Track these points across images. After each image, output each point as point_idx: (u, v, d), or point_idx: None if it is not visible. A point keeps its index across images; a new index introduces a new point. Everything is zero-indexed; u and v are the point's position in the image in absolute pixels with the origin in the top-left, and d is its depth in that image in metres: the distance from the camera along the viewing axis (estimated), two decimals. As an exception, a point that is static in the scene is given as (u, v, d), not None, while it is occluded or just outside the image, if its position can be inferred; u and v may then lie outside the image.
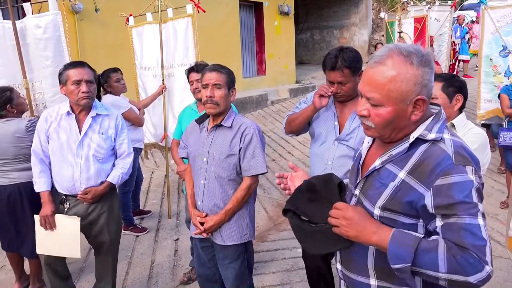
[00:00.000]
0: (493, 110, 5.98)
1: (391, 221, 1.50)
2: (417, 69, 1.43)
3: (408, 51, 1.45)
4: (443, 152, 1.43)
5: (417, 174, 1.44)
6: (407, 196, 1.45)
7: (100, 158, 2.99)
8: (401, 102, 1.45)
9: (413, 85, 1.43)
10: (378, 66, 1.46)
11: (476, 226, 1.35)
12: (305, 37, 18.09)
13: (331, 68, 2.60)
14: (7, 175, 3.34)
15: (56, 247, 3.01)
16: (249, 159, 2.61)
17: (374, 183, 1.56)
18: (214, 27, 10.20)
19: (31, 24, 3.86)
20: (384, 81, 1.44)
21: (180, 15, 4.99)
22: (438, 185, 1.39)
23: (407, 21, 8.90)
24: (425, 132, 1.48)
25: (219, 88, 2.57)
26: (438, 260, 1.34)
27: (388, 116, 1.47)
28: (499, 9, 5.90)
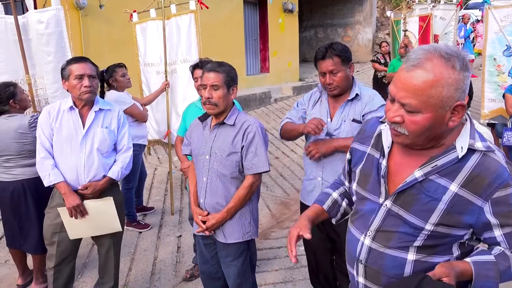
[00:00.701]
0: (497, 109, 5.96)
1: (443, 234, 1.46)
2: (459, 73, 1.34)
3: (449, 54, 1.35)
4: (499, 164, 1.40)
5: (473, 187, 1.39)
6: (466, 210, 1.41)
7: (104, 152, 2.99)
8: (441, 108, 1.35)
9: (455, 91, 1.34)
10: (416, 69, 1.35)
11: None
12: (309, 35, 18.06)
13: (321, 58, 2.70)
14: (10, 172, 3.34)
15: (93, 229, 3.06)
16: (252, 157, 2.60)
17: (419, 197, 1.46)
18: (218, 24, 10.19)
19: (33, 19, 3.86)
20: (423, 86, 1.33)
21: (183, 11, 4.98)
22: (498, 197, 1.39)
23: (412, 19, 8.88)
24: (472, 142, 1.41)
25: (217, 89, 2.55)
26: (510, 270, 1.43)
27: (426, 123, 1.37)
28: (503, 8, 5.88)
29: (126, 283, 3.83)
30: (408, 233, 1.49)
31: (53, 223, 3.01)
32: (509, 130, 5.11)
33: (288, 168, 6.81)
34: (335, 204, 1.92)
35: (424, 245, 1.48)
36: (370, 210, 1.60)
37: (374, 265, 1.57)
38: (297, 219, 3.05)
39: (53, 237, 3.02)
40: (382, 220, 1.55)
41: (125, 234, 4.70)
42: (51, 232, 3.02)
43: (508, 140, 5.04)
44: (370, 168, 1.63)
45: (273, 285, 3.69)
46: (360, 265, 1.62)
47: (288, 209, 5.33)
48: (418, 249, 1.49)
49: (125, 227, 4.81)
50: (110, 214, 3.04)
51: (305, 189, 2.99)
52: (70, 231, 2.99)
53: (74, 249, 3.12)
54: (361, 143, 1.73)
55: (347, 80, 2.75)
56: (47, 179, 2.90)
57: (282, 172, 6.66)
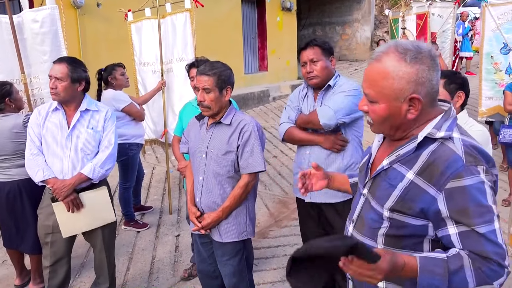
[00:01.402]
0: (494, 107, 5.97)
1: (399, 223, 1.48)
2: (411, 66, 1.40)
3: (405, 48, 1.42)
4: (452, 152, 1.39)
5: (427, 176, 1.40)
6: (418, 198, 1.42)
7: (88, 153, 2.97)
8: (394, 99, 1.43)
9: (406, 83, 1.40)
10: (374, 63, 1.46)
11: (493, 232, 1.36)
12: (307, 33, 18.03)
13: (303, 47, 2.87)
14: (6, 172, 3.34)
15: (88, 224, 3.03)
16: (247, 157, 2.60)
17: (382, 184, 1.53)
18: (216, 23, 10.17)
19: (28, 18, 3.85)
20: (377, 77, 1.44)
21: (178, 10, 4.96)
22: (450, 188, 1.36)
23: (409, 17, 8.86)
24: (434, 131, 1.43)
25: (208, 92, 2.56)
26: (466, 277, 1.35)
27: (382, 113, 1.46)
28: (500, 6, 5.88)
29: (124, 282, 3.83)
30: (374, 219, 1.55)
31: (45, 224, 3.02)
32: (505, 127, 5.12)
33: (286, 167, 6.80)
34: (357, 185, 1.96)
35: (389, 235, 1.52)
36: (357, 198, 1.71)
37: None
38: (296, 218, 3.06)
39: (46, 237, 3.02)
40: (361, 207, 1.65)
41: (123, 234, 4.72)
42: (44, 233, 3.03)
43: (504, 137, 5.05)
44: (365, 162, 1.72)
45: (271, 284, 3.69)
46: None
47: (286, 208, 5.33)
48: (386, 240, 1.53)
49: (123, 227, 4.83)
50: (104, 204, 3.05)
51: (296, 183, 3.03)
52: (63, 228, 2.97)
53: (67, 250, 3.10)
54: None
55: (328, 71, 2.86)
56: (41, 174, 2.88)
57: (280, 171, 6.65)
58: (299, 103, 3.03)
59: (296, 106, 3.02)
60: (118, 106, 4.47)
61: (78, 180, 2.91)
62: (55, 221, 2.99)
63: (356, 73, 14.58)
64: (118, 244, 4.47)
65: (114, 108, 4.41)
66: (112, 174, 6.17)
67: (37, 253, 3.43)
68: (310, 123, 2.87)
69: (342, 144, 2.83)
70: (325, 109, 2.80)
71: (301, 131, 2.96)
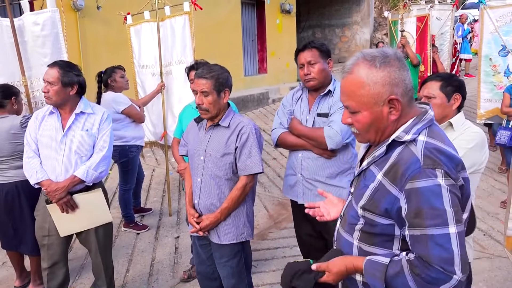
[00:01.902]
0: (493, 109, 5.99)
1: (370, 221, 1.54)
2: (382, 70, 1.47)
3: (372, 56, 1.50)
4: (412, 155, 1.44)
5: (391, 176, 1.47)
6: (384, 198, 1.47)
7: (82, 155, 2.98)
8: (374, 105, 1.49)
9: (381, 87, 1.47)
10: (347, 75, 1.52)
11: (444, 236, 1.36)
12: (307, 35, 18.06)
13: (301, 49, 2.89)
14: (4, 174, 3.37)
15: (84, 224, 3.05)
16: (245, 159, 2.62)
17: (360, 184, 1.61)
18: (215, 25, 10.20)
19: (29, 21, 3.88)
20: (354, 88, 1.50)
21: (177, 13, 4.98)
22: (408, 189, 1.41)
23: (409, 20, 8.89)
24: (402, 134, 1.49)
25: (206, 95, 2.58)
26: (407, 281, 1.39)
27: (366, 120, 1.52)
28: (498, 8, 5.90)
29: (123, 284, 3.84)
30: (353, 216, 1.62)
31: (42, 226, 3.04)
32: (502, 128, 5.14)
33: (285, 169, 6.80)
34: None
35: (363, 231, 1.59)
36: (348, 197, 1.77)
37: (338, 245, 1.74)
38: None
39: (43, 239, 3.04)
40: (347, 204, 1.72)
41: (123, 235, 4.73)
42: (41, 235, 3.05)
43: (500, 138, 5.07)
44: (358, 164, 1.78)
45: (270, 286, 3.71)
46: (334, 246, 1.80)
47: (285, 209, 5.33)
48: (361, 235, 1.60)
49: (123, 228, 4.84)
50: (100, 206, 3.06)
51: (287, 184, 3.12)
52: (60, 228, 2.99)
53: (63, 252, 3.11)
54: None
55: (325, 73, 2.87)
56: (34, 176, 2.92)
57: (280, 173, 6.66)
58: (292, 105, 3.05)
59: (289, 110, 3.04)
60: (118, 108, 4.49)
61: (72, 182, 2.93)
62: (51, 223, 3.01)
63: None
64: (118, 245, 4.50)
65: (114, 110, 4.43)
66: (112, 176, 6.24)
67: (36, 254, 3.44)
68: (314, 140, 2.86)
69: (331, 155, 2.88)
70: (332, 133, 2.78)
71: (293, 136, 2.97)
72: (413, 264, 1.39)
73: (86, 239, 3.14)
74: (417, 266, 1.38)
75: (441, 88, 2.47)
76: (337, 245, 1.74)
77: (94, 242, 3.11)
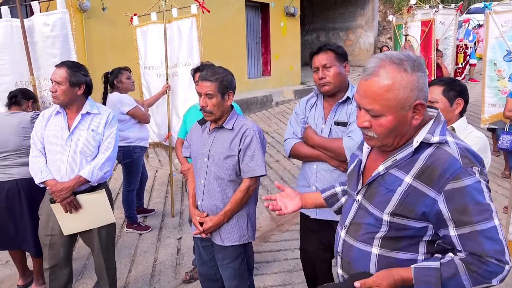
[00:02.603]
0: (497, 114, 5.97)
1: (401, 226, 1.51)
2: (411, 74, 1.45)
3: (400, 59, 1.46)
4: (450, 155, 1.44)
5: (425, 179, 1.45)
6: (419, 201, 1.46)
7: (88, 155, 3.00)
8: (401, 109, 1.46)
9: (410, 91, 1.45)
10: (372, 77, 1.47)
11: (492, 229, 1.40)
12: (311, 38, 18.09)
13: (316, 52, 2.70)
14: (6, 171, 3.37)
15: (87, 223, 3.06)
16: (248, 161, 2.63)
17: (379, 189, 1.56)
18: (220, 28, 10.23)
19: (39, 22, 3.93)
20: (380, 91, 1.45)
21: (184, 15, 5.01)
22: (450, 190, 1.41)
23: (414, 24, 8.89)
24: (428, 136, 1.49)
25: (210, 97, 2.59)
26: (462, 281, 1.41)
27: (390, 125, 1.48)
28: (504, 13, 5.89)
29: (125, 284, 3.85)
30: (372, 224, 1.58)
31: (46, 225, 3.06)
32: (505, 133, 5.14)
33: (288, 172, 6.83)
34: (334, 196, 2.06)
35: (386, 237, 1.55)
36: (349, 205, 1.72)
37: (346, 257, 1.68)
38: (297, 222, 3.06)
39: (45, 239, 3.06)
40: (355, 213, 1.67)
41: (126, 236, 4.74)
42: (44, 234, 3.06)
43: (502, 143, 5.07)
44: (355, 169, 1.75)
45: (272, 288, 3.71)
46: (339, 257, 1.74)
47: (288, 212, 5.33)
48: (382, 243, 1.56)
49: (126, 229, 4.85)
50: (103, 206, 3.08)
51: None
52: (64, 226, 3.01)
53: (67, 252, 3.12)
54: (359, 148, 1.82)
55: (341, 77, 2.69)
56: (39, 175, 2.94)
57: (282, 176, 6.68)
58: (306, 113, 2.87)
59: (303, 119, 2.85)
60: (124, 109, 4.51)
61: (77, 182, 2.95)
62: (55, 223, 3.03)
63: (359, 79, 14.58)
64: (120, 246, 4.51)
65: (119, 111, 4.45)
66: (115, 176, 6.26)
67: (40, 256, 3.42)
68: (332, 151, 2.65)
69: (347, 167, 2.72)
70: (352, 144, 2.55)
71: (308, 147, 2.76)
72: (467, 262, 1.40)
73: (89, 239, 3.16)
74: (472, 264, 1.40)
75: (444, 93, 2.49)
76: (346, 256, 1.69)
77: (97, 242, 3.12)
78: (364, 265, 1.61)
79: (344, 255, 1.70)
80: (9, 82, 4.00)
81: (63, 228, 3.02)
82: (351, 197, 1.72)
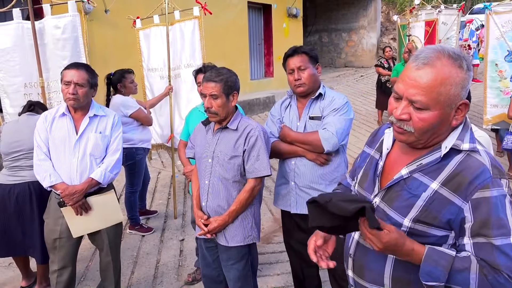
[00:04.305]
0: (499, 115, 5.96)
1: (422, 233, 1.46)
2: (465, 73, 1.39)
3: (457, 54, 1.40)
4: (481, 164, 1.40)
5: (452, 186, 1.40)
6: (444, 208, 1.41)
7: (97, 157, 3.02)
8: (448, 106, 1.40)
9: (461, 89, 1.39)
10: (426, 67, 1.38)
11: (508, 245, 1.36)
12: (314, 39, 18.09)
13: (290, 54, 2.85)
14: (17, 173, 3.36)
15: (97, 224, 3.09)
16: (253, 161, 2.63)
17: (402, 194, 1.49)
18: (222, 29, 10.23)
19: (50, 24, 4.01)
20: (433, 83, 1.37)
21: (187, 17, 5.03)
22: (476, 199, 1.37)
23: (418, 24, 8.90)
24: (458, 142, 1.43)
25: (215, 98, 2.59)
26: (470, 278, 1.36)
27: (433, 120, 1.41)
28: (504, 14, 5.89)
29: (128, 286, 3.85)
30: None
31: (53, 228, 3.05)
32: (509, 134, 5.12)
33: (291, 173, 6.80)
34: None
35: None
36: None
37: (359, 259, 1.64)
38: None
39: (54, 242, 3.05)
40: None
41: (128, 238, 4.75)
42: (52, 238, 3.06)
43: (507, 143, 5.06)
44: (369, 168, 1.68)
45: (275, 289, 3.71)
46: (350, 259, 1.69)
47: (290, 213, 5.33)
48: None
49: (128, 230, 4.86)
50: (112, 207, 3.11)
51: (279, 194, 3.02)
52: (73, 229, 3.02)
53: (74, 254, 3.14)
54: (369, 146, 1.78)
55: (314, 78, 2.84)
56: (48, 179, 2.92)
57: (285, 177, 6.66)
58: (281, 114, 3.00)
59: (278, 119, 2.99)
60: (127, 112, 4.52)
61: (89, 185, 2.96)
62: (63, 226, 3.02)
63: (362, 80, 14.59)
64: (123, 247, 4.50)
65: (122, 114, 4.46)
66: (118, 178, 6.24)
67: (45, 263, 3.42)
68: (309, 144, 2.78)
69: (324, 162, 2.80)
70: (328, 135, 2.71)
71: (285, 144, 2.88)
72: (482, 264, 1.36)
73: (97, 239, 3.17)
74: (485, 267, 1.36)
75: None
76: (359, 259, 1.64)
77: (106, 241, 3.14)
78: (379, 268, 1.56)
79: (357, 258, 1.65)
80: (18, 83, 4.05)
81: (73, 230, 3.02)
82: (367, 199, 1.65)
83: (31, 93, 4.19)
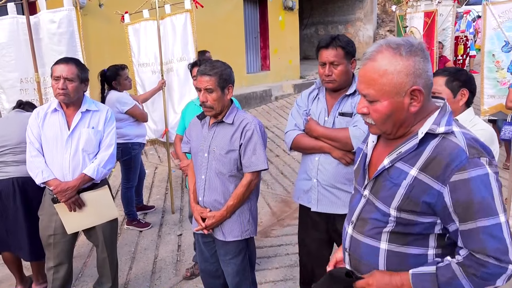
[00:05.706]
0: (497, 105, 5.94)
1: (408, 221, 1.47)
2: (406, 59, 1.42)
3: (397, 43, 1.45)
4: (456, 146, 1.40)
5: (430, 170, 1.41)
6: (424, 194, 1.42)
7: (90, 152, 2.98)
8: (396, 94, 1.44)
9: (405, 76, 1.42)
10: (369, 62, 1.47)
11: (496, 226, 1.35)
12: (310, 32, 18.03)
13: (325, 46, 2.58)
14: (2, 169, 3.27)
15: (91, 220, 3.06)
16: (250, 155, 2.60)
17: (385, 184, 1.53)
18: (218, 22, 10.18)
19: (46, 19, 3.96)
20: (375, 76, 1.44)
21: (178, 11, 4.97)
22: (455, 181, 1.36)
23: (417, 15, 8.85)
24: (433, 127, 1.45)
25: (210, 92, 2.56)
26: (463, 285, 1.37)
27: (386, 110, 1.46)
28: (501, 4, 5.85)
29: (126, 281, 3.84)
30: (378, 219, 1.55)
31: (48, 225, 3.03)
32: (507, 124, 5.10)
33: (289, 166, 6.80)
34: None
35: (394, 232, 1.52)
36: (356, 200, 1.69)
37: (354, 253, 1.66)
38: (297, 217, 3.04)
39: (49, 239, 3.03)
40: (362, 208, 1.64)
41: (126, 233, 4.73)
42: (47, 235, 3.03)
43: (505, 133, 5.05)
44: (360, 163, 1.72)
45: (273, 283, 3.70)
46: (346, 253, 1.72)
47: (288, 207, 5.33)
48: (390, 238, 1.54)
49: (126, 226, 4.84)
50: (106, 202, 3.09)
51: (300, 189, 2.85)
52: (67, 225, 2.99)
53: (69, 250, 3.12)
54: (363, 142, 1.80)
55: (347, 75, 2.63)
56: (40, 176, 2.89)
57: (282, 170, 6.66)
58: (308, 105, 2.80)
59: (305, 111, 2.79)
60: (123, 108, 4.50)
61: (82, 181, 2.93)
62: (57, 222, 3.00)
63: (357, 72, 14.53)
64: (121, 243, 4.50)
65: (118, 110, 4.44)
66: (114, 174, 6.23)
67: (35, 259, 3.39)
68: (337, 141, 2.58)
69: (350, 162, 2.60)
70: (359, 133, 2.50)
71: (310, 138, 2.70)
72: (465, 265, 1.37)
73: (93, 235, 3.15)
74: (470, 266, 1.36)
75: (447, 83, 2.39)
76: (354, 253, 1.66)
77: (101, 238, 3.13)
78: (373, 261, 1.58)
79: (352, 252, 1.67)
80: (14, 79, 4.01)
81: (67, 227, 3.00)
82: (358, 192, 1.68)
83: (27, 88, 4.14)
